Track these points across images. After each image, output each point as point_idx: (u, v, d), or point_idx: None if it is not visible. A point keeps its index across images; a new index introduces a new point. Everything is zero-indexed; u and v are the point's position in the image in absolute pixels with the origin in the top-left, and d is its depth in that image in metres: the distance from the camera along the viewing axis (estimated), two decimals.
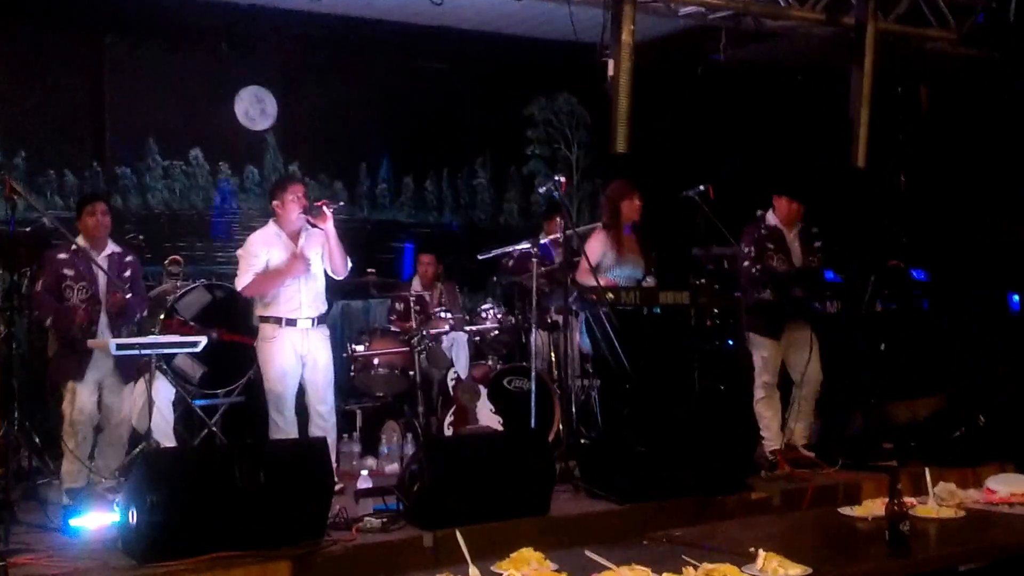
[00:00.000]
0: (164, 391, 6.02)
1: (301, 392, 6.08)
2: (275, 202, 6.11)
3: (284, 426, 5.94)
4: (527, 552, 3.36)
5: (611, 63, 6.62)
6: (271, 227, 6.14)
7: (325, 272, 6.16)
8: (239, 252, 6.12)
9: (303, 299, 6.02)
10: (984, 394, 7.18)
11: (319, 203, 6.01)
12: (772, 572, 3.18)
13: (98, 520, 4.87)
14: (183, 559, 4.25)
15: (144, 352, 5.54)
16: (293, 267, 5.96)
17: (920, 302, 7.53)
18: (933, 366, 7.71)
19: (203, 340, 5.77)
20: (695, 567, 3.14)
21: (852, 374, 7.08)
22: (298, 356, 5.99)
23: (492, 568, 3.24)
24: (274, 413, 5.96)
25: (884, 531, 3.65)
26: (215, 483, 4.46)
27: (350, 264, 6.17)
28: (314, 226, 6.00)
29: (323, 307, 6.14)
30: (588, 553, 3.32)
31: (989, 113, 8.88)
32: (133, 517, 4.35)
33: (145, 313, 6.41)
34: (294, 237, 6.08)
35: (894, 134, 9.25)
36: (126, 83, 8.08)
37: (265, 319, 6.04)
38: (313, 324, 6.05)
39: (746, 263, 6.71)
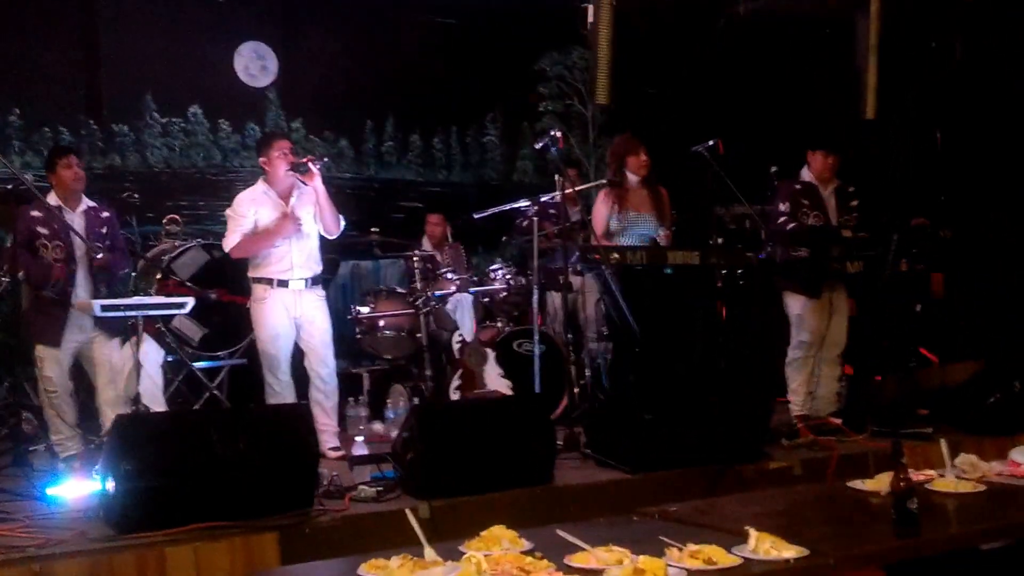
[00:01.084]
0: (153, 354, 5.81)
1: (301, 355, 5.88)
2: (262, 159, 5.89)
3: (280, 389, 5.76)
4: (498, 530, 3.09)
5: (590, 8, 6.26)
6: (260, 185, 5.91)
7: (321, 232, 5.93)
8: (227, 212, 5.90)
9: (294, 259, 5.80)
10: (1021, 360, 6.84)
11: (304, 160, 5.77)
12: (764, 553, 2.86)
13: (78, 489, 4.68)
14: (163, 530, 4.05)
15: (130, 314, 5.29)
16: (282, 227, 5.75)
17: (946, 262, 7.20)
18: (966, 329, 7.43)
19: (191, 301, 5.54)
20: (679, 549, 2.83)
21: (879, 338, 6.79)
22: (291, 318, 5.80)
23: (459, 547, 2.96)
24: (268, 376, 5.79)
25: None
26: (192, 450, 4.25)
27: (343, 223, 5.93)
28: (303, 183, 5.77)
29: (317, 267, 5.93)
30: (560, 532, 3.03)
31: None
32: (110, 486, 4.16)
33: (127, 269, 6.23)
34: (284, 196, 5.85)
35: (927, 88, 8.86)
36: (122, 38, 7.87)
37: (257, 280, 5.83)
38: (307, 285, 5.83)
39: (781, 219, 6.42)
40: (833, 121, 8.17)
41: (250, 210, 5.78)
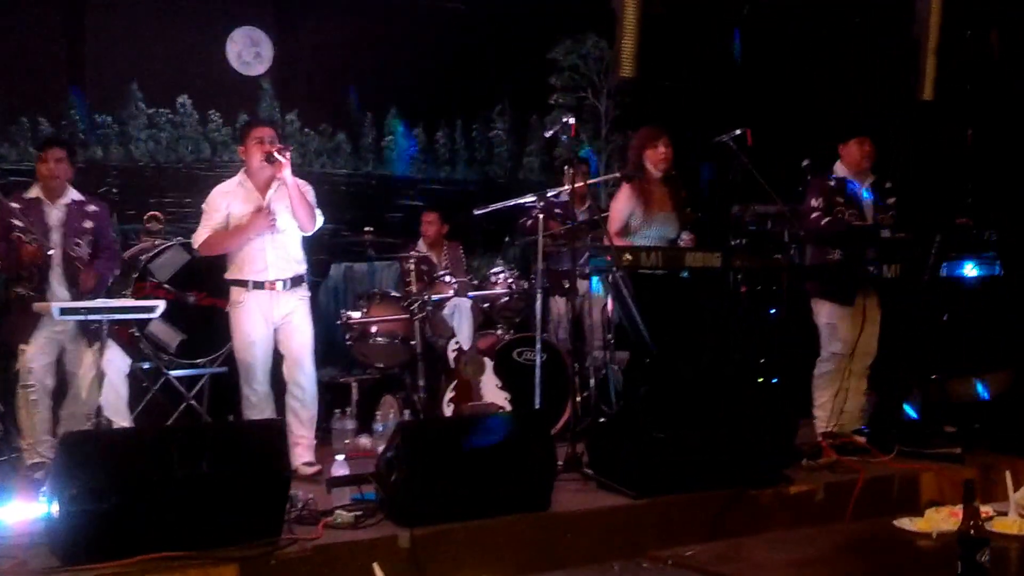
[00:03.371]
0: (118, 362, 5.40)
1: (280, 362, 5.51)
2: (240, 147, 5.54)
3: (256, 401, 5.39)
4: None
5: None
6: (237, 177, 5.55)
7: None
8: (202, 206, 5.53)
9: (269, 259, 5.41)
10: None
11: (273, 148, 5.33)
12: None
13: (21, 512, 4.28)
14: (112, 561, 3.69)
15: (92, 317, 4.90)
16: (254, 222, 5.36)
17: (992, 266, 6.74)
18: (1004, 338, 7.00)
19: (161, 304, 5.16)
20: None
21: (910, 347, 6.37)
22: (269, 323, 5.42)
23: None
24: (244, 386, 5.42)
25: (951, 555, 2.84)
26: (148, 472, 3.86)
27: (321, 219, 5.54)
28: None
29: (299, 267, 5.54)
30: None
31: None
32: (56, 510, 3.78)
33: (116, 272, 5.86)
34: (262, 188, 5.46)
35: (961, 82, 8.42)
36: (107, 22, 7.50)
37: (233, 282, 5.46)
38: (285, 286, 5.44)
39: (815, 215, 5.99)
40: (876, 105, 7.71)
41: (222, 203, 5.42)
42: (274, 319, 5.42)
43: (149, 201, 7.24)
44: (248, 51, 7.91)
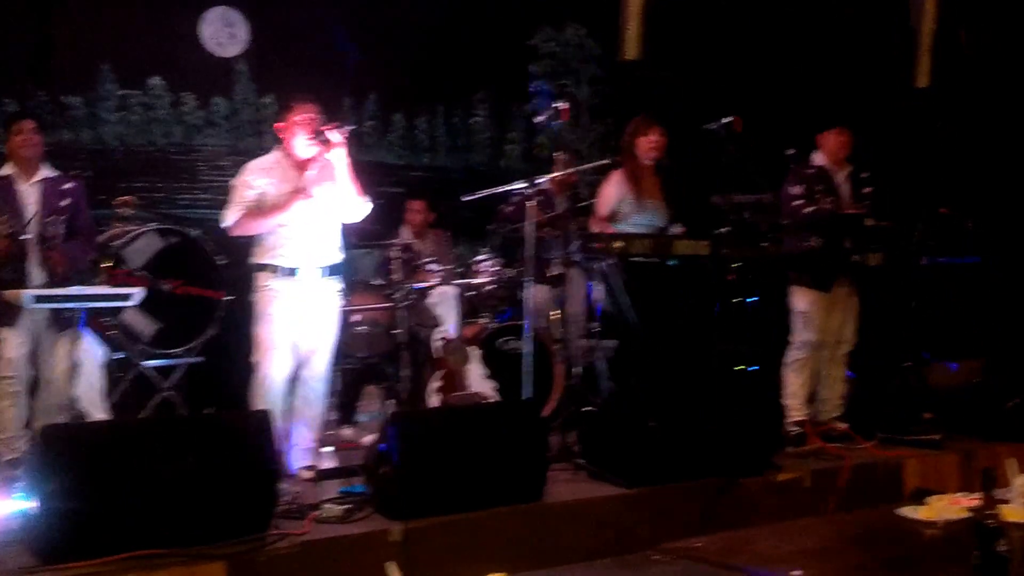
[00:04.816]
0: (93, 352, 5.22)
1: None
2: (278, 124, 5.20)
3: (266, 396, 4.99)
4: None
5: None
6: (274, 154, 5.19)
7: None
8: (232, 181, 5.17)
9: (306, 244, 5.09)
10: None
11: (326, 128, 5.04)
12: None
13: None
14: (92, 560, 3.57)
15: (67, 305, 4.74)
16: (291, 203, 5.02)
17: (972, 255, 6.79)
18: (981, 326, 7.07)
19: (139, 292, 4.97)
20: None
21: (889, 335, 6.40)
22: (296, 312, 5.07)
23: None
24: (257, 378, 5.03)
25: (961, 544, 2.80)
26: (131, 466, 3.73)
27: (369, 204, 5.25)
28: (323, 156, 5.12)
29: (336, 255, 5.23)
30: None
31: None
32: (34, 507, 3.66)
33: (92, 256, 5.66)
34: (300, 168, 5.14)
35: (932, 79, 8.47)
36: (78, 2, 7.28)
37: (260, 267, 5.09)
38: (321, 274, 5.13)
39: (796, 203, 6.01)
40: (857, 95, 7.72)
41: (258, 180, 5.07)
42: (302, 309, 5.08)
43: (119, 185, 6.97)
44: (223, 32, 7.70)
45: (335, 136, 5.00)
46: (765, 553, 3.03)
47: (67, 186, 5.39)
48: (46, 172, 5.34)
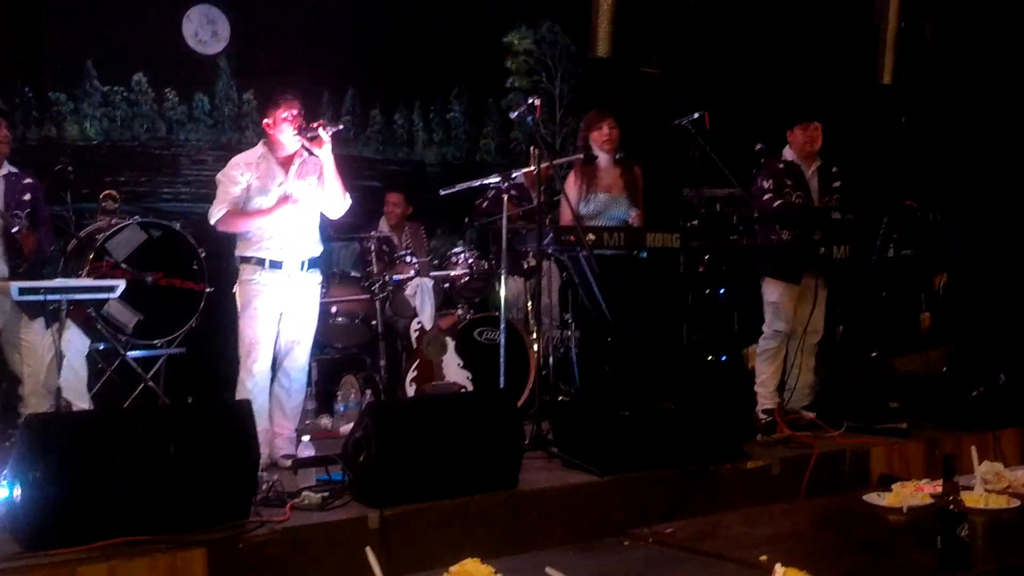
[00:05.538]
0: (77, 343, 5.28)
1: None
2: (265, 120, 5.25)
3: (252, 387, 5.06)
4: (472, 565, 2.65)
5: None
6: (259, 149, 5.26)
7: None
8: (218, 176, 5.25)
9: (290, 238, 5.17)
10: (1004, 351, 6.55)
11: (315, 125, 5.12)
12: None
13: None
14: (76, 546, 3.61)
15: (52, 297, 4.80)
16: (278, 208, 5.14)
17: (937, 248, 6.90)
18: (945, 317, 7.17)
19: (121, 284, 5.05)
20: None
21: (856, 326, 6.50)
22: (279, 304, 5.16)
23: None
24: (243, 371, 5.11)
25: (925, 529, 2.88)
26: (115, 454, 3.79)
27: (349, 200, 5.34)
28: (309, 152, 5.18)
29: (316, 248, 5.31)
30: (549, 571, 2.60)
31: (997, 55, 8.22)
32: (18, 495, 3.72)
33: (52, 247, 5.78)
34: (285, 163, 5.23)
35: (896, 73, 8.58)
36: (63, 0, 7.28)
37: (245, 259, 5.16)
38: (302, 268, 5.21)
39: (766, 197, 6.10)
40: (824, 91, 7.82)
41: (243, 175, 5.14)
42: (285, 301, 5.17)
43: (104, 180, 7.02)
44: (205, 30, 7.72)
45: (324, 134, 5.08)
46: (735, 538, 3.06)
47: (27, 181, 5.47)
48: (8, 168, 5.39)
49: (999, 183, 8.12)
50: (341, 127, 5.34)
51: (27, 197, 5.39)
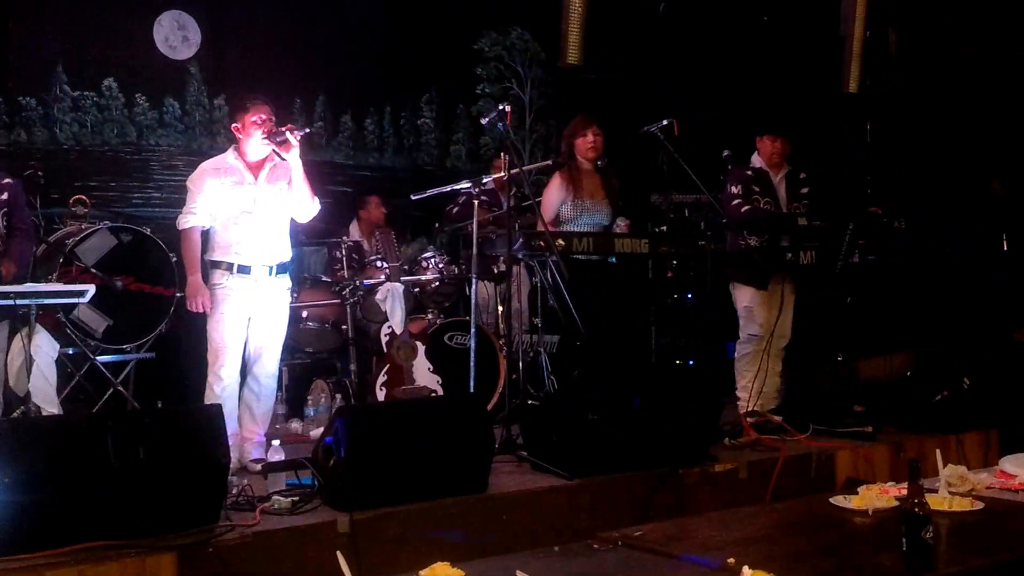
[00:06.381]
0: (46, 348, 5.27)
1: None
2: (234, 125, 5.25)
3: (220, 392, 5.07)
4: (442, 569, 2.67)
5: None
6: (229, 154, 5.26)
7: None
8: (187, 182, 5.25)
9: (259, 242, 5.18)
10: (967, 355, 6.64)
11: (283, 128, 5.12)
12: None
13: None
14: (45, 551, 3.60)
15: (21, 302, 4.79)
16: (191, 293, 5.14)
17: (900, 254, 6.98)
18: (909, 322, 7.25)
19: (91, 289, 5.04)
20: None
21: (821, 330, 6.57)
22: (248, 310, 5.17)
23: None
24: (211, 376, 5.12)
25: (890, 531, 2.91)
26: (83, 460, 3.78)
27: (318, 204, 5.33)
28: (280, 156, 5.18)
29: (286, 253, 5.31)
30: (519, 574, 2.63)
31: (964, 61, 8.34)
32: None
33: (35, 250, 5.73)
34: (255, 168, 5.22)
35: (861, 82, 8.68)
36: (32, 4, 7.30)
37: (214, 264, 5.17)
38: (271, 273, 5.21)
39: (735, 203, 6.19)
40: (793, 99, 7.91)
41: (210, 182, 5.13)
42: (254, 307, 5.18)
43: (74, 184, 7.05)
44: (175, 35, 7.74)
45: (292, 138, 5.08)
46: (703, 541, 3.08)
47: (5, 181, 5.43)
48: None
49: (961, 187, 8.24)
50: (309, 130, 5.34)
51: (4, 197, 5.35)
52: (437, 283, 6.83)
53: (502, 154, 5.85)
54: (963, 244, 7.75)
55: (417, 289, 6.85)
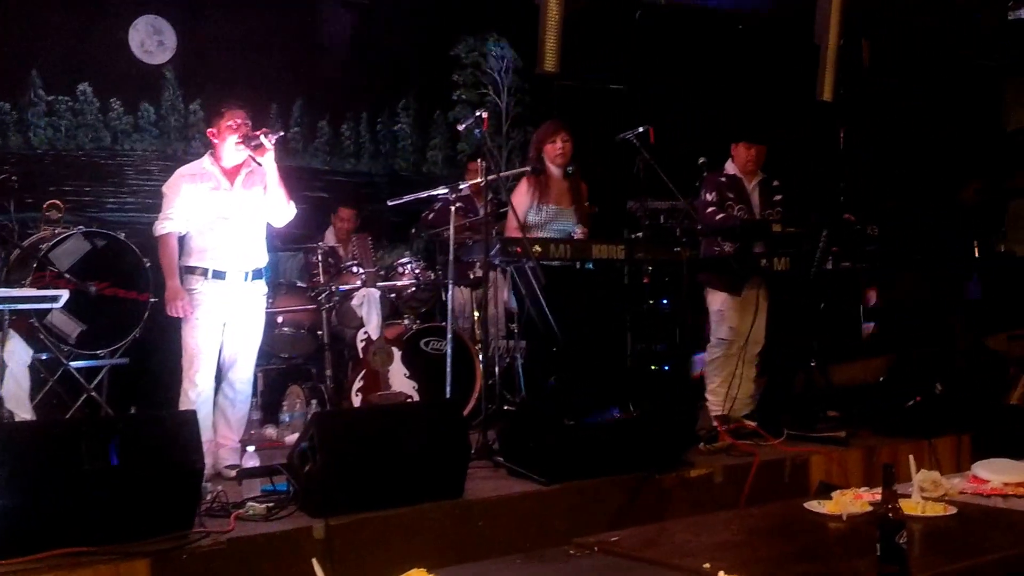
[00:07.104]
0: (19, 353, 5.24)
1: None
2: (210, 130, 5.24)
3: (195, 397, 5.05)
4: (417, 575, 2.67)
5: None
6: (205, 160, 5.25)
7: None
8: (163, 188, 5.24)
9: (235, 248, 5.16)
10: (940, 361, 6.70)
11: (257, 132, 5.11)
12: None
13: None
14: (16, 558, 3.57)
15: None
16: (170, 298, 5.12)
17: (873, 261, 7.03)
18: (884, 328, 7.30)
19: (64, 294, 5.01)
20: None
21: (795, 336, 6.61)
22: (223, 315, 5.16)
23: None
24: (186, 382, 5.10)
25: (864, 536, 2.93)
26: (56, 465, 3.76)
27: (294, 208, 5.33)
28: (256, 161, 5.17)
29: (261, 259, 5.30)
30: None
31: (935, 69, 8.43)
32: None
33: (9, 257, 5.76)
34: (231, 174, 5.21)
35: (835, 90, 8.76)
36: (6, 7, 7.20)
37: (189, 269, 5.14)
38: (246, 278, 5.20)
39: (709, 210, 6.23)
40: (767, 107, 7.97)
41: (187, 188, 5.13)
42: (229, 312, 5.17)
43: (48, 189, 6.99)
44: (151, 40, 7.70)
45: (266, 141, 5.08)
46: (679, 546, 3.07)
47: None
48: None
49: (933, 195, 8.33)
50: (283, 133, 5.36)
51: None
52: (413, 288, 6.83)
53: (478, 159, 5.86)
54: (936, 251, 7.82)
55: (393, 295, 6.86)
